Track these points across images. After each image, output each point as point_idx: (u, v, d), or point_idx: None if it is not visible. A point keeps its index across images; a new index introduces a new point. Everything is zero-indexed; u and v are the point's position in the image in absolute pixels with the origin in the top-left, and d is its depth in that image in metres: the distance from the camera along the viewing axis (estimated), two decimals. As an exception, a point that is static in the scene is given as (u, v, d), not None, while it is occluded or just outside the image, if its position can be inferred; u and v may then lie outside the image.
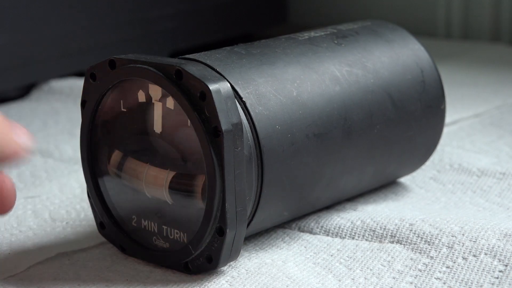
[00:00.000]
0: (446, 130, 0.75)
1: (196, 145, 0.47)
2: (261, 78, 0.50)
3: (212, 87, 0.46)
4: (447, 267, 0.49)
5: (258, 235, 0.55)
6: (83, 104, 0.52)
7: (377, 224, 0.54)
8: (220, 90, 0.46)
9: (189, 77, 0.46)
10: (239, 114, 0.47)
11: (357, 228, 0.55)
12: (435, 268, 0.50)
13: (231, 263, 0.51)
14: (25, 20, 0.89)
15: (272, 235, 0.55)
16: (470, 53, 1.08)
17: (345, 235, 0.54)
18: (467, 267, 0.49)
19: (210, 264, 0.48)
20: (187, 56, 0.51)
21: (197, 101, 0.46)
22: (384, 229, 0.54)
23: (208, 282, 0.49)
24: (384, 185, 0.62)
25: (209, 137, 0.46)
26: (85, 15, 0.95)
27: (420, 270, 0.50)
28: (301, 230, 0.56)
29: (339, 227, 0.55)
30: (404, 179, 0.64)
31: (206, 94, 0.46)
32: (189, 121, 0.47)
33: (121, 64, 0.49)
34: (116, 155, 0.51)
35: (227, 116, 0.46)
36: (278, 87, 0.51)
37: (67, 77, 0.96)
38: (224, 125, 0.46)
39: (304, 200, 0.53)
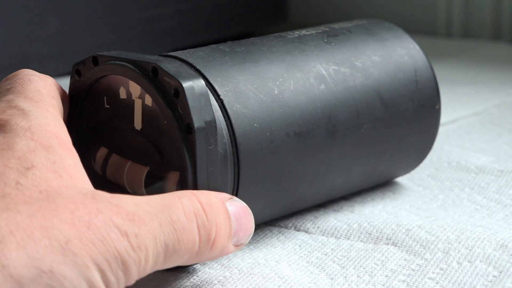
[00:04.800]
0: (444, 128, 0.74)
1: (171, 142, 0.47)
2: (242, 76, 0.50)
3: (186, 84, 0.46)
4: (441, 269, 0.49)
5: (254, 234, 0.54)
6: (70, 100, 0.52)
7: (373, 228, 0.54)
8: (194, 87, 0.46)
9: (164, 74, 0.46)
10: (212, 111, 0.46)
11: (353, 231, 0.54)
12: (428, 269, 0.49)
13: (224, 262, 0.50)
14: (23, 18, 0.89)
15: (267, 234, 0.55)
16: (470, 51, 1.08)
17: (341, 235, 0.54)
18: (461, 271, 0.49)
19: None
20: (170, 53, 0.51)
21: (171, 98, 0.46)
22: (381, 232, 0.54)
23: (200, 282, 0.48)
24: (381, 184, 0.62)
25: (181, 134, 0.46)
26: (83, 14, 0.95)
27: (413, 270, 0.49)
28: (297, 229, 0.55)
29: (335, 229, 0.55)
30: (401, 177, 0.63)
31: (179, 91, 0.46)
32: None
33: (103, 61, 0.49)
34: (101, 152, 0.51)
35: (200, 114, 0.46)
36: (259, 85, 0.50)
37: (65, 76, 0.96)
38: (197, 123, 0.46)
39: (286, 198, 0.53)
